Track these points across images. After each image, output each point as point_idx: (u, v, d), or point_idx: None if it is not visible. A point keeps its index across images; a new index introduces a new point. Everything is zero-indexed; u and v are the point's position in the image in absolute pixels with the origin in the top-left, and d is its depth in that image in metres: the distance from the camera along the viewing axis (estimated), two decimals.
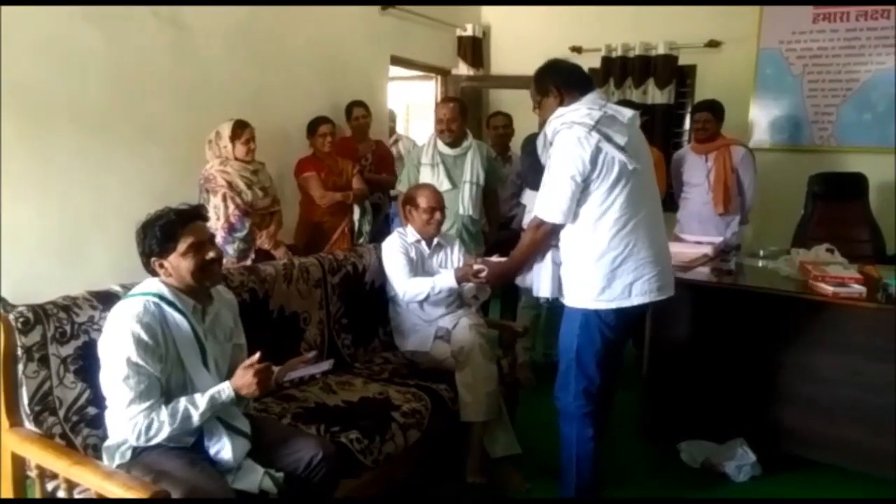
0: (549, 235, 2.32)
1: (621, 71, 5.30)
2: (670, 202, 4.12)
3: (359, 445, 2.20)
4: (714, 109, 4.03)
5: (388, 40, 4.98)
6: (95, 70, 3.15)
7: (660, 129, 5.00)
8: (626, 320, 2.33)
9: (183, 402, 1.75)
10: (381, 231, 4.11)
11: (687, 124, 5.41)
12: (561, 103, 2.31)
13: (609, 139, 2.17)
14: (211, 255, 1.86)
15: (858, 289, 2.69)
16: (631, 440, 3.12)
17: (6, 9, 2.77)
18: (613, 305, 2.24)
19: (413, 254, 2.91)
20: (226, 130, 3.31)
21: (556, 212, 2.23)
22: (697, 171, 4.07)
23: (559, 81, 2.33)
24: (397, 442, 2.34)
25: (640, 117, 2.38)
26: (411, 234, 2.94)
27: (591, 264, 2.24)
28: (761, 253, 3.50)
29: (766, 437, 2.91)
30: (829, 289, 2.71)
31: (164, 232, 1.81)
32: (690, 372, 3.03)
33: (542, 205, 2.28)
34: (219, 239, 3.15)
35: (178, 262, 1.82)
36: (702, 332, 2.99)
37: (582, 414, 2.35)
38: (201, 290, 1.88)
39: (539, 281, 2.40)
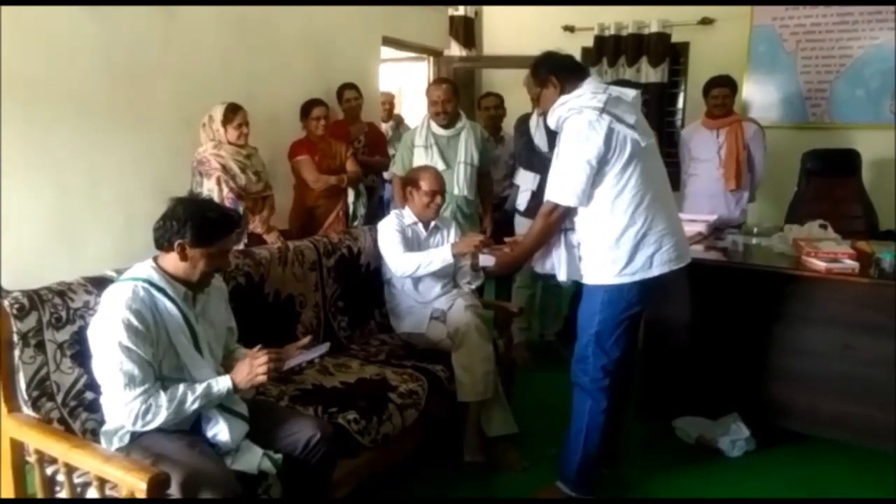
0: (561, 219, 2.34)
1: (614, 50, 5.28)
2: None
3: (356, 426, 2.21)
4: (731, 84, 4.00)
5: (379, 21, 4.92)
6: (88, 56, 3.11)
7: (654, 108, 4.98)
8: (646, 292, 2.35)
9: (181, 388, 1.76)
10: (375, 214, 4.10)
11: (680, 102, 5.39)
12: (561, 92, 2.32)
13: (620, 119, 2.20)
14: (224, 265, 1.93)
15: (851, 264, 2.71)
16: (626, 417, 3.13)
17: None
18: (637, 278, 2.27)
19: (409, 234, 2.90)
20: (218, 114, 3.28)
21: (571, 194, 2.24)
22: (707, 146, 4.02)
23: (556, 71, 2.35)
24: (395, 422, 2.36)
25: (640, 96, 2.40)
26: (408, 215, 2.93)
27: (613, 243, 2.26)
28: (755, 230, 3.51)
29: (760, 413, 2.93)
30: (821, 264, 2.72)
31: (210, 228, 1.81)
32: (685, 349, 3.04)
33: (556, 189, 2.28)
34: None
35: (199, 259, 1.82)
36: (696, 310, 3.01)
37: (598, 388, 2.37)
38: (194, 286, 1.88)
39: (559, 265, 2.42)
